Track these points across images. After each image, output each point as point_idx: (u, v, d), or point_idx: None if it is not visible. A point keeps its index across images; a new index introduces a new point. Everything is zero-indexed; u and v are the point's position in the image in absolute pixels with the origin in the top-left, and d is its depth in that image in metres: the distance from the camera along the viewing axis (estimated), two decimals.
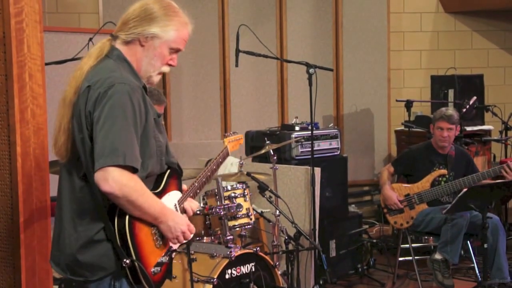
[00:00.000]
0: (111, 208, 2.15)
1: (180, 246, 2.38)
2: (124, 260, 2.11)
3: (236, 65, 4.59)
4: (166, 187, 2.33)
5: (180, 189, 2.42)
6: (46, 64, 3.17)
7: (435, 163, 4.92)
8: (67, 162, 2.24)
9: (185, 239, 2.29)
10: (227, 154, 2.87)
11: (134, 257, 2.12)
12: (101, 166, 2.06)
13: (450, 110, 4.95)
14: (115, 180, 2.05)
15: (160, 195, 2.28)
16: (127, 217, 2.13)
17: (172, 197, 2.35)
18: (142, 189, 2.14)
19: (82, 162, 2.18)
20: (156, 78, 2.33)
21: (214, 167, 2.71)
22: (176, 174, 2.40)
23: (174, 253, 2.33)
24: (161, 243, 2.25)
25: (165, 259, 2.25)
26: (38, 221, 2.97)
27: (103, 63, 2.24)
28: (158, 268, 2.21)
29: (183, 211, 2.41)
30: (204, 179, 2.58)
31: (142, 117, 2.17)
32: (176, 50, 2.32)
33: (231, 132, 3.08)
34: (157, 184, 2.30)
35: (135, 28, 2.25)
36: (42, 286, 2.98)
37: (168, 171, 2.36)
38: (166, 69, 2.33)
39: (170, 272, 2.33)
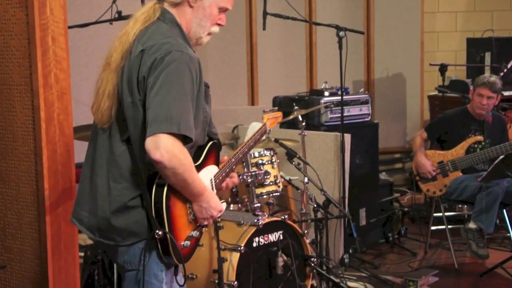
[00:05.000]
0: (150, 178, 2.16)
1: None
2: (157, 231, 2.13)
3: (264, 28, 4.54)
4: (206, 160, 2.34)
5: (217, 164, 2.42)
6: (69, 27, 3.16)
7: (471, 129, 4.84)
8: (108, 126, 2.23)
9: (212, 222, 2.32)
10: (266, 131, 2.85)
11: (167, 229, 2.13)
12: (154, 132, 2.04)
13: (494, 77, 4.83)
14: (167, 150, 2.04)
15: (199, 168, 2.28)
16: (165, 189, 2.14)
17: (209, 172, 2.36)
18: (190, 164, 2.14)
19: (127, 125, 2.18)
20: (206, 39, 2.33)
21: (252, 143, 2.70)
22: (216, 148, 2.40)
23: (204, 228, 2.34)
24: (193, 217, 2.27)
25: (195, 233, 2.27)
26: (63, 187, 2.99)
27: (156, 25, 2.22)
28: (188, 242, 2.23)
29: (219, 186, 2.40)
30: (241, 155, 2.57)
31: (196, 87, 2.16)
32: (225, 9, 2.31)
33: (270, 109, 3.04)
34: (197, 157, 2.31)
35: None
36: (68, 252, 3.02)
37: (209, 144, 2.36)
38: (215, 29, 2.33)
39: (197, 247, 2.34)
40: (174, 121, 2.05)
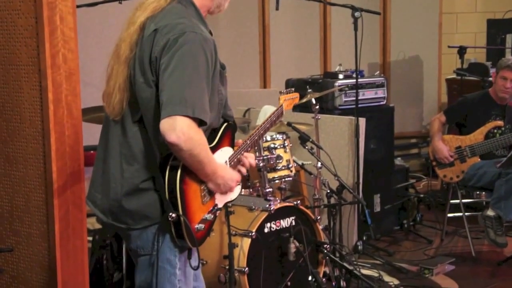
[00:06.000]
0: (164, 160, 2.17)
1: (225, 204, 2.40)
2: (170, 214, 2.14)
3: (277, 8, 4.52)
4: (220, 142, 2.35)
5: (232, 146, 2.43)
6: (78, 6, 3.17)
7: (492, 114, 4.81)
8: (120, 117, 2.25)
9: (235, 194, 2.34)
10: (282, 113, 2.85)
11: (180, 212, 2.15)
12: (169, 114, 2.05)
13: None
14: (183, 132, 2.05)
15: (213, 150, 2.29)
16: (179, 171, 2.15)
17: (224, 153, 2.37)
18: (205, 144, 2.16)
19: (139, 106, 2.19)
20: (227, 4, 2.40)
21: (268, 125, 2.70)
22: (231, 130, 2.41)
23: (218, 211, 2.35)
24: (208, 199, 2.28)
25: (209, 216, 2.28)
26: (71, 170, 3.00)
27: (171, 6, 2.22)
28: (202, 225, 2.24)
29: (236, 165, 2.41)
30: (256, 137, 2.58)
31: (212, 69, 2.16)
32: None
33: (287, 90, 3.03)
34: (211, 138, 2.32)
35: None
36: (76, 236, 3.04)
37: (224, 125, 2.37)
38: None
39: (210, 230, 2.36)
40: (188, 104, 2.06)
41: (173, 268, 2.26)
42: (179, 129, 2.04)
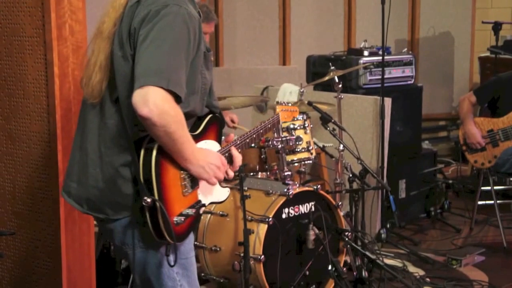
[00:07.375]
0: (139, 139, 2.11)
1: (210, 204, 2.30)
2: (145, 198, 2.05)
3: None
4: (205, 132, 2.28)
5: (219, 141, 2.35)
6: None
7: None
8: (99, 100, 2.20)
9: (223, 174, 2.22)
10: (278, 122, 2.82)
11: (156, 197, 2.06)
12: (142, 84, 1.98)
13: None
14: (156, 105, 1.97)
15: (197, 139, 2.21)
16: (154, 151, 2.08)
17: (209, 146, 2.28)
18: (182, 121, 2.06)
19: (116, 83, 2.14)
20: None
21: (261, 131, 2.63)
22: (217, 122, 2.34)
23: (202, 209, 2.23)
24: (189, 191, 2.18)
25: (191, 211, 2.17)
26: None
27: None
28: (182, 219, 2.13)
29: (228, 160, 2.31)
30: (248, 140, 2.48)
31: (194, 47, 2.12)
32: None
33: (286, 102, 3.03)
34: (195, 127, 2.26)
35: None
36: (82, 220, 3.04)
37: (209, 116, 2.31)
38: None
39: (194, 229, 2.25)
40: (164, 76, 1.99)
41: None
42: (152, 102, 1.96)
